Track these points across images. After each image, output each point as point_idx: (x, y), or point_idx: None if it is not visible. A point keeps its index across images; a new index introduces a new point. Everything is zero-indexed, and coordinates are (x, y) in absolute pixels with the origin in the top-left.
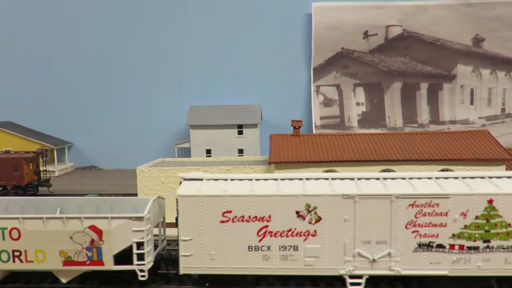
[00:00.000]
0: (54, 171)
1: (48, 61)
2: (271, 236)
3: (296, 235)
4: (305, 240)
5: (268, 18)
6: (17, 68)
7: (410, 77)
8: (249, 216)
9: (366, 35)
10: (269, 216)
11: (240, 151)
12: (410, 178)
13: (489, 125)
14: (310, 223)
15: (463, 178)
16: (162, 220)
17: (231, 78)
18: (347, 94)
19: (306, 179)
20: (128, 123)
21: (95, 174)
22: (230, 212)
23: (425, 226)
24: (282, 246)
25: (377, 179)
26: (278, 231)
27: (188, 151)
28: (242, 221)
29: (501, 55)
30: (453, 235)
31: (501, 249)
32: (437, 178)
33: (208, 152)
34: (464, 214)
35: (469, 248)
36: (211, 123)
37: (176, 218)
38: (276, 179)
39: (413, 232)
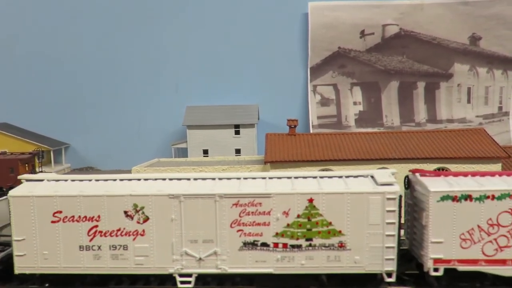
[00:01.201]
0: (51, 172)
1: (44, 62)
2: (101, 235)
3: (125, 234)
4: (134, 239)
5: (264, 18)
6: (13, 69)
7: (407, 76)
8: (79, 216)
9: (362, 34)
10: (98, 216)
11: (237, 151)
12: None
13: (486, 123)
14: (138, 222)
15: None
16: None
17: (228, 78)
18: (344, 93)
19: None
20: (125, 124)
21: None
22: (60, 212)
23: (249, 225)
24: (112, 246)
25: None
26: (108, 231)
27: (185, 151)
28: (73, 221)
29: (498, 53)
30: (277, 234)
31: (323, 247)
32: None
33: (205, 152)
34: (286, 213)
35: (293, 246)
36: (208, 123)
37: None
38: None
39: (238, 231)
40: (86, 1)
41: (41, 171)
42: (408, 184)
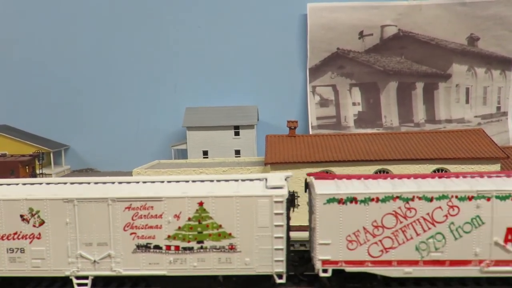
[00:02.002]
0: (51, 174)
1: (43, 64)
2: None
3: (22, 238)
4: (30, 242)
5: (263, 19)
6: (12, 70)
7: (405, 77)
8: None
9: (361, 35)
10: None
11: (237, 152)
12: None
13: (484, 123)
14: (34, 226)
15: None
16: None
17: (227, 79)
18: (343, 94)
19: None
20: (125, 125)
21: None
22: None
23: (142, 228)
24: (10, 249)
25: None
26: (5, 234)
27: (185, 153)
28: None
29: (496, 54)
30: (169, 237)
31: (214, 250)
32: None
33: (205, 153)
34: (177, 216)
35: (185, 248)
36: (208, 124)
37: None
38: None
39: (131, 234)
40: (84, 1)
41: (41, 173)
42: (306, 187)
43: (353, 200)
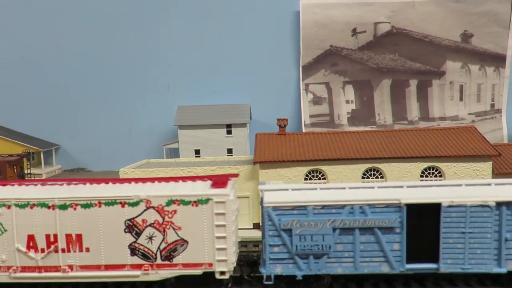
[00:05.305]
0: (41, 174)
1: (33, 62)
2: None
3: None
4: None
5: (256, 17)
6: (1, 68)
7: (399, 74)
8: None
9: (354, 32)
10: None
11: (229, 151)
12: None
13: (478, 121)
14: None
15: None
16: None
17: (219, 77)
18: (337, 92)
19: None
20: (117, 124)
21: (82, 176)
22: None
23: None
24: None
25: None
26: None
27: (177, 152)
28: None
29: (490, 50)
30: None
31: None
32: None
33: (197, 152)
34: None
35: None
36: (200, 123)
37: None
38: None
39: None
40: (75, 0)
41: (30, 173)
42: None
43: None
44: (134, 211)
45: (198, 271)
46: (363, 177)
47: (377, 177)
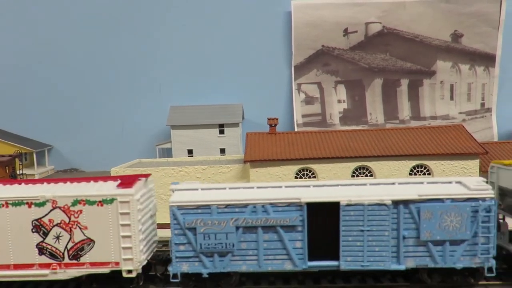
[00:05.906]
0: (33, 175)
1: (26, 62)
2: None
3: None
4: None
5: (248, 17)
6: None
7: (390, 74)
8: None
9: (346, 32)
10: None
11: (222, 151)
12: None
13: (469, 119)
14: None
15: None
16: None
17: (211, 77)
18: (328, 91)
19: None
20: (109, 125)
21: (75, 176)
22: None
23: None
24: None
25: None
26: None
27: (170, 152)
28: None
29: (479, 50)
30: None
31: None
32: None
33: (190, 152)
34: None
35: None
36: (192, 123)
37: None
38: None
39: None
40: (69, 1)
41: (22, 174)
42: None
43: None
44: (40, 211)
45: (105, 270)
46: (353, 175)
47: (366, 175)
